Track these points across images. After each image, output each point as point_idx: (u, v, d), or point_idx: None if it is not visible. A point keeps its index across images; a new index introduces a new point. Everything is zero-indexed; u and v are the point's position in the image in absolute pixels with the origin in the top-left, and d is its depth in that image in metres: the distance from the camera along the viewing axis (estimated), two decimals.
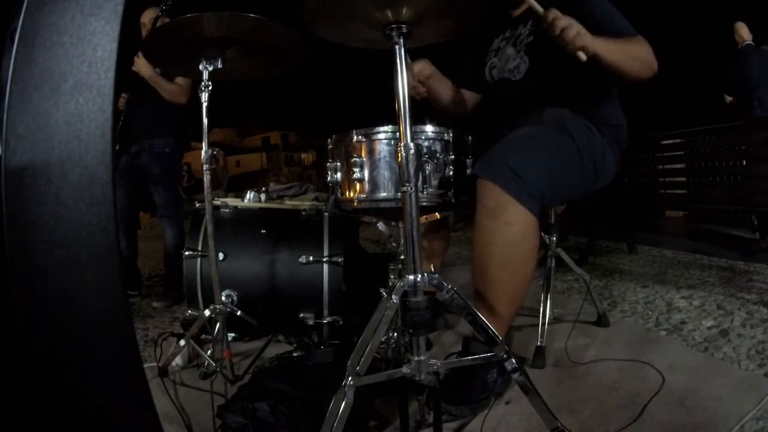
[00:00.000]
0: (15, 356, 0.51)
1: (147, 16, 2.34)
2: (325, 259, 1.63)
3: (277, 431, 1.04)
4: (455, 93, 1.65)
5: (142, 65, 2.26)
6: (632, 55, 1.27)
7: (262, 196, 1.85)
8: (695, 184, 2.61)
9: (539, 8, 1.20)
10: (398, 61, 0.92)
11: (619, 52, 1.24)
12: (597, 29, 1.22)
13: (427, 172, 1.16)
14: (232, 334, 1.67)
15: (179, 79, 2.35)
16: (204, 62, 1.39)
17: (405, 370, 0.94)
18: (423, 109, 1.59)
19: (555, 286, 1.78)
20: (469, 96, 1.71)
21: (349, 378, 0.89)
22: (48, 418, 0.53)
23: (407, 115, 0.91)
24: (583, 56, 1.16)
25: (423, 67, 1.52)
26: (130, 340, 0.57)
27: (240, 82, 1.62)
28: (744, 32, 3.74)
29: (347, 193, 1.24)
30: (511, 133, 1.30)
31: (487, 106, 1.69)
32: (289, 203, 1.87)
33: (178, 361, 1.53)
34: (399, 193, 0.99)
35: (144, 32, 2.35)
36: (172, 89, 2.33)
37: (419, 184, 1.12)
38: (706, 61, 3.91)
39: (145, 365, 1.49)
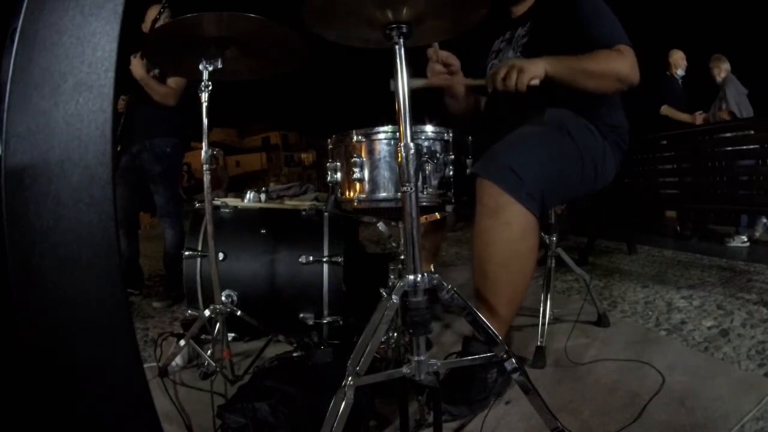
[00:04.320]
0: (15, 356, 0.51)
1: (152, 15, 2.34)
2: (325, 259, 1.63)
3: (277, 431, 1.04)
4: (468, 99, 1.64)
5: (136, 66, 2.26)
6: (587, 72, 1.28)
7: (262, 196, 1.85)
8: (695, 184, 2.61)
9: (481, 81, 1.29)
10: (398, 61, 0.92)
11: (571, 70, 1.26)
12: (578, 30, 1.31)
13: (427, 172, 1.16)
14: (232, 334, 1.67)
15: (171, 81, 2.36)
16: (204, 62, 1.39)
17: (405, 370, 0.94)
18: (423, 109, 1.59)
19: (555, 286, 1.78)
20: (479, 99, 1.71)
21: (349, 378, 0.89)
22: (48, 417, 0.53)
23: (407, 115, 0.91)
24: (536, 82, 1.22)
25: (448, 55, 1.46)
26: (130, 340, 0.57)
27: (240, 82, 1.62)
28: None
29: (347, 193, 1.24)
30: (511, 133, 1.30)
31: (489, 106, 1.69)
32: (289, 203, 1.87)
33: (178, 361, 1.53)
34: (399, 193, 0.98)
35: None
36: (162, 92, 2.33)
37: (419, 184, 1.12)
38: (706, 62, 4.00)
39: (145, 365, 1.49)
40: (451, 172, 1.20)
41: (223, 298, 1.49)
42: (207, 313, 1.45)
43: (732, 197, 2.37)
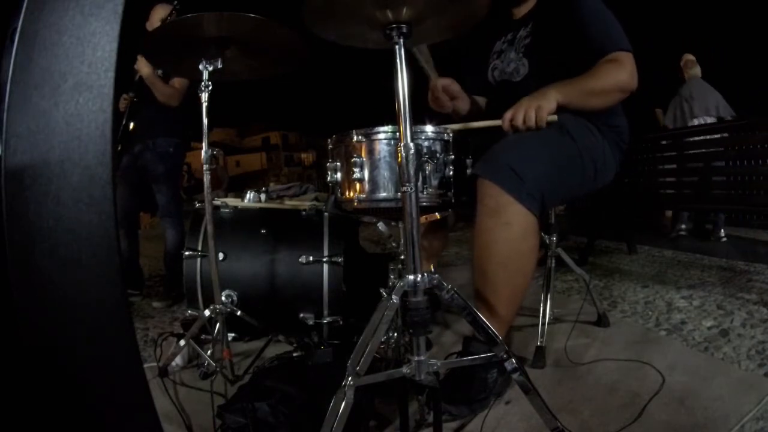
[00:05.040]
0: (15, 356, 0.51)
1: (157, 14, 2.34)
2: (325, 259, 1.63)
3: (277, 431, 1.04)
4: (472, 106, 1.65)
5: (142, 64, 2.27)
6: (593, 92, 1.31)
7: (262, 196, 1.85)
8: (695, 184, 2.61)
9: (498, 122, 1.30)
10: (398, 61, 0.92)
11: (578, 94, 1.30)
12: (578, 31, 1.34)
13: (427, 172, 1.16)
14: (232, 334, 1.67)
15: (176, 82, 2.36)
16: (204, 62, 1.39)
17: (405, 370, 0.94)
18: (423, 109, 1.59)
19: (555, 286, 1.78)
20: (482, 102, 1.71)
21: (349, 378, 0.89)
22: (48, 418, 0.53)
23: (407, 115, 0.91)
24: (554, 118, 1.24)
25: (450, 83, 1.52)
26: (130, 340, 0.57)
27: (240, 82, 1.62)
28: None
29: (347, 193, 1.24)
30: (511, 134, 1.30)
31: (490, 107, 1.69)
32: (289, 203, 1.87)
33: (178, 361, 1.53)
34: (399, 193, 0.98)
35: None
36: (167, 92, 2.34)
37: (419, 184, 1.12)
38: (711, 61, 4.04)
39: (145, 365, 1.49)
40: (451, 172, 1.20)
41: (223, 298, 1.49)
42: (207, 313, 1.45)
43: (728, 197, 2.38)
